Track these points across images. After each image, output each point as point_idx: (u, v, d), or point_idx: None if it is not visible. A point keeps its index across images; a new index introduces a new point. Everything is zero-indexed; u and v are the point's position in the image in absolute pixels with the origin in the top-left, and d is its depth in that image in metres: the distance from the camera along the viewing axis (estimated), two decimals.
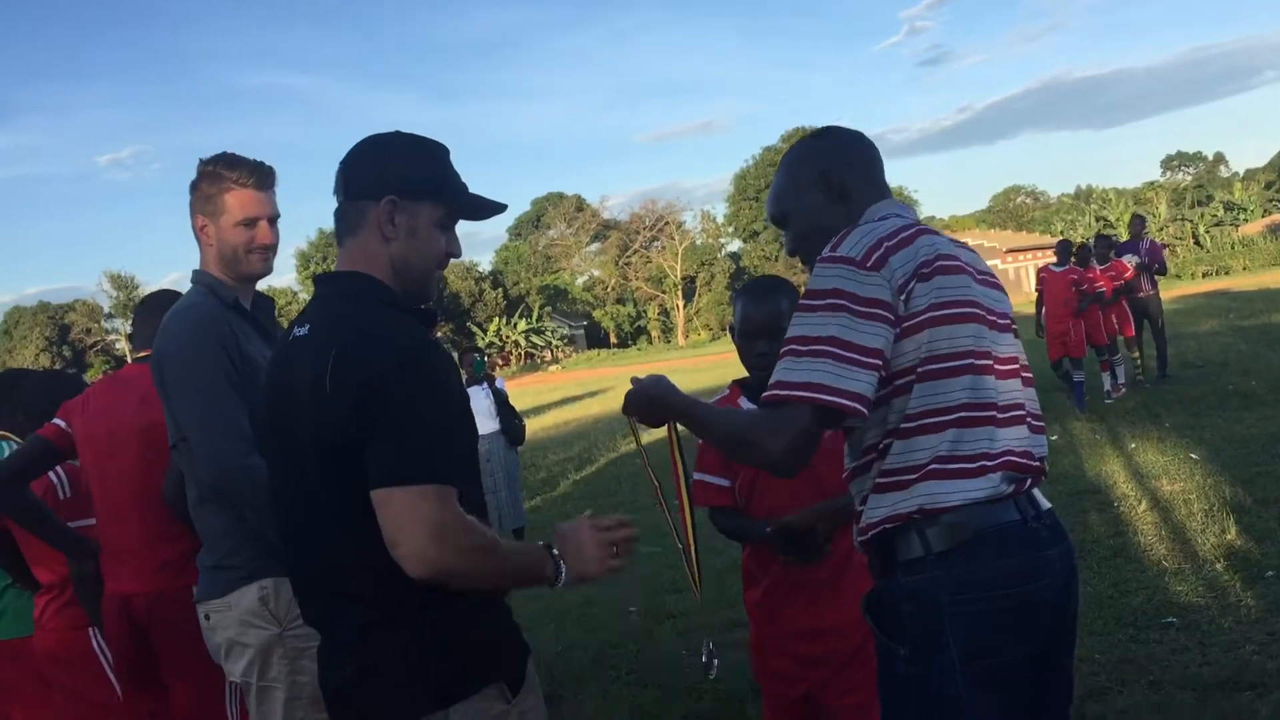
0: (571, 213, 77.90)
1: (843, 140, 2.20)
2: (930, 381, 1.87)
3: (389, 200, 1.97)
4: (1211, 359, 13.76)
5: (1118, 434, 9.50)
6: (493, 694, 1.92)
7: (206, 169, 2.75)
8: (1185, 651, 4.37)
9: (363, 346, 1.86)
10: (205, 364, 2.60)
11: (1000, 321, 2.00)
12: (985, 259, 2.14)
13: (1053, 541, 1.95)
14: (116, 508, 3.08)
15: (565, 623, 6.22)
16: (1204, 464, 7.69)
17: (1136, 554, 5.84)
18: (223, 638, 2.63)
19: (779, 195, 2.21)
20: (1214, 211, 61.55)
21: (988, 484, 1.88)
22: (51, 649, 3.49)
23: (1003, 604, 1.85)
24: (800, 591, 2.81)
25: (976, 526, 1.86)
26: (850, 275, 1.86)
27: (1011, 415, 1.94)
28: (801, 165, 2.17)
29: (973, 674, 1.83)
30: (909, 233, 1.93)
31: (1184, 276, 45.93)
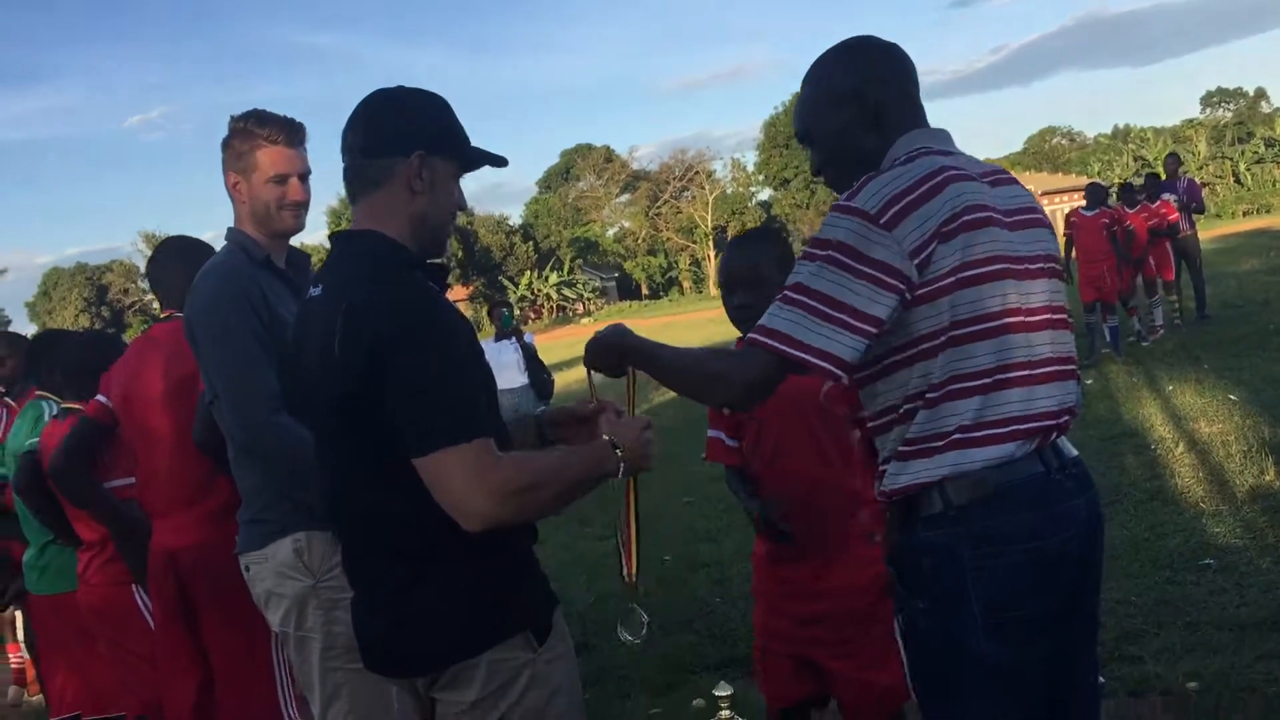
0: (601, 164, 77.50)
1: (878, 54, 2.04)
2: (957, 347, 1.81)
3: (419, 155, 1.98)
4: (1252, 298, 13.57)
5: (1155, 377, 9.39)
6: (519, 643, 1.96)
7: (238, 126, 2.76)
8: (1222, 593, 4.35)
9: (369, 310, 1.87)
10: (232, 323, 2.63)
11: (1033, 268, 1.90)
12: None
13: (1078, 491, 1.90)
14: (156, 466, 3.15)
15: (597, 573, 6.26)
16: (1243, 405, 7.60)
17: (1173, 496, 5.79)
18: (262, 589, 2.69)
19: (805, 112, 2.07)
20: (1255, 149, 60.30)
21: (1017, 448, 1.84)
22: (95, 604, 3.56)
23: (1023, 559, 1.82)
24: (794, 551, 2.79)
25: (997, 481, 1.82)
26: (859, 230, 1.78)
27: (1041, 372, 1.87)
28: (832, 80, 2.02)
29: (993, 627, 1.81)
30: (935, 181, 1.82)
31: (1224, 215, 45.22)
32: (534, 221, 75.40)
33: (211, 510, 3.00)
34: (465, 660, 1.93)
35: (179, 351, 3.04)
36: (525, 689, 1.96)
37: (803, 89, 2.08)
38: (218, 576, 2.95)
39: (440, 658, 1.95)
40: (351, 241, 2.04)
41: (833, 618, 2.73)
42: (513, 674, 1.95)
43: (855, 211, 1.79)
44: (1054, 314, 1.93)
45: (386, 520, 1.95)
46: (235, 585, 2.79)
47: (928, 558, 1.86)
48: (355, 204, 2.04)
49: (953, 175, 1.84)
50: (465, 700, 1.95)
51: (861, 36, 2.08)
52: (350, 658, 2.59)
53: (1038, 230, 1.95)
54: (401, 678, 2.03)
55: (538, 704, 1.97)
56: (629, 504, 2.28)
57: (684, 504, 7.81)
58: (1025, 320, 1.85)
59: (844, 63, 2.03)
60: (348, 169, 2.04)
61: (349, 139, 2.03)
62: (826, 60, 2.05)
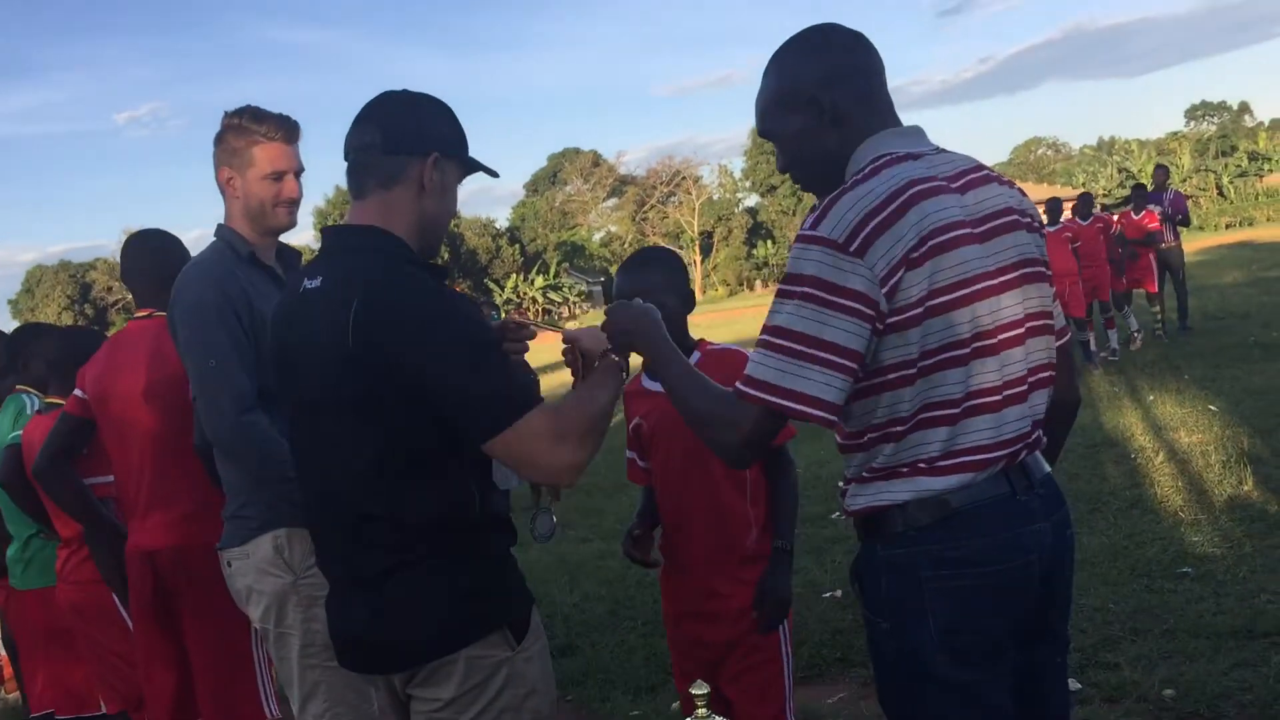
0: (588, 168, 77.53)
1: (838, 50, 1.91)
2: (926, 378, 1.75)
3: (435, 156, 2.02)
4: (1233, 311, 13.66)
5: (1136, 386, 9.46)
6: (496, 640, 1.97)
7: (233, 122, 2.74)
8: (1200, 601, 4.38)
9: (390, 305, 1.88)
10: (210, 323, 2.63)
11: (1009, 278, 1.81)
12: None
13: (1044, 512, 1.86)
14: (133, 466, 3.12)
15: (580, 575, 6.27)
16: (1223, 416, 7.65)
17: (1153, 505, 5.83)
18: (242, 584, 2.70)
19: (765, 111, 1.97)
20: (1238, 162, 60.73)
21: (983, 474, 1.79)
22: (74, 601, 3.55)
23: (982, 581, 1.78)
24: (686, 574, 2.81)
25: (958, 503, 1.77)
26: (830, 260, 1.69)
27: (1014, 392, 1.81)
28: (789, 80, 1.92)
29: (953, 648, 1.78)
30: (901, 200, 1.72)
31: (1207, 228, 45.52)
32: (521, 225, 75.36)
33: (188, 511, 2.99)
34: (443, 657, 1.94)
35: (157, 351, 3.03)
36: (502, 687, 1.96)
37: (762, 82, 1.98)
38: (196, 577, 2.94)
39: (418, 654, 1.95)
40: (354, 235, 2.04)
41: (721, 644, 2.75)
42: (490, 671, 1.95)
43: (823, 241, 1.71)
44: (1033, 321, 1.85)
45: (374, 516, 1.95)
46: (214, 585, 2.79)
47: (887, 576, 1.83)
48: (362, 199, 2.04)
49: (918, 192, 1.74)
50: (442, 697, 1.95)
51: (821, 28, 1.95)
52: (328, 655, 2.59)
53: (1015, 235, 1.85)
54: (378, 674, 2.04)
55: (513, 702, 1.98)
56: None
57: None
58: (999, 340, 1.79)
59: (801, 61, 1.92)
60: (357, 164, 2.04)
61: (361, 136, 2.03)
62: (784, 57, 1.94)
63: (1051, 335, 1.92)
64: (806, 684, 4.20)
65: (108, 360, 3.21)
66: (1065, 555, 1.92)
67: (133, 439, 3.11)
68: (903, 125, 1.91)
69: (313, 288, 1.99)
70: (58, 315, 69.43)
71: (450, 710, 1.96)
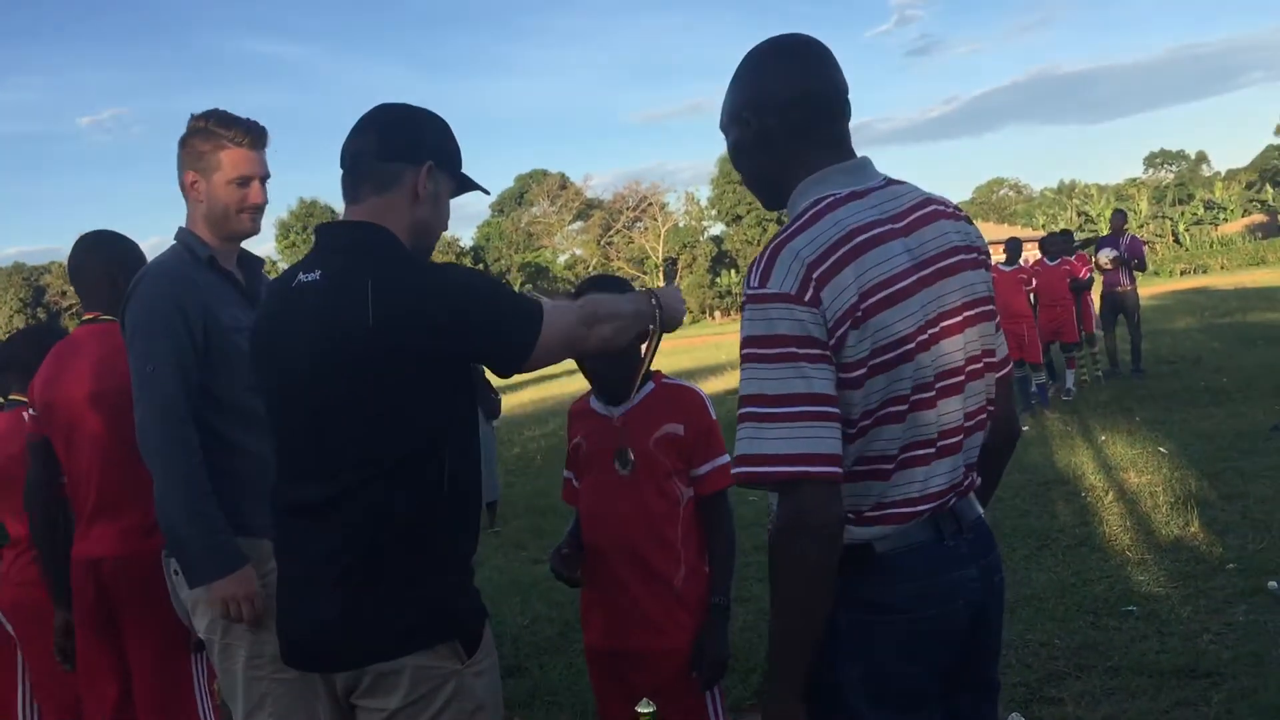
0: (555, 190, 77.64)
1: (781, 76, 1.83)
2: (863, 437, 1.71)
3: (430, 166, 2.06)
4: (1185, 355, 13.88)
5: (1088, 426, 9.58)
6: (446, 652, 1.95)
7: (200, 125, 2.71)
8: (1144, 639, 4.43)
9: (406, 276, 1.94)
10: (154, 328, 2.59)
11: (951, 322, 1.77)
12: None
13: (972, 557, 1.82)
14: (80, 473, 3.07)
15: (530, 596, 6.24)
16: (1172, 458, 7.77)
17: (1100, 543, 5.90)
18: (187, 594, 2.64)
19: (722, 122, 1.93)
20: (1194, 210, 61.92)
21: (909, 523, 1.76)
22: (15, 601, 3.49)
23: (905, 628, 1.74)
24: (608, 599, 2.76)
25: (882, 549, 1.74)
26: (790, 314, 1.64)
27: (946, 444, 1.78)
28: (731, 94, 1.89)
29: (874, 694, 1.74)
30: (844, 250, 1.68)
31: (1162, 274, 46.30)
32: (485, 244, 75.25)
33: (134, 522, 2.94)
34: (389, 660, 1.92)
35: (104, 356, 2.98)
36: (449, 700, 1.94)
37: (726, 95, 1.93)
38: (140, 589, 2.90)
39: (365, 653, 1.93)
40: (354, 231, 2.05)
41: (648, 688, 2.60)
42: (437, 683, 1.94)
43: (776, 298, 1.66)
44: (973, 364, 1.82)
45: (349, 508, 1.94)
46: (158, 597, 2.75)
47: None
48: (356, 203, 2.06)
49: (861, 243, 1.69)
50: (386, 707, 1.93)
51: (776, 48, 1.88)
52: (276, 667, 2.56)
53: (961, 276, 1.80)
54: (324, 672, 2.01)
55: (459, 717, 1.96)
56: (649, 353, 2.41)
57: None
58: (936, 391, 1.75)
59: (744, 76, 1.88)
60: (353, 170, 2.07)
61: (359, 142, 2.07)
62: (737, 72, 1.90)
63: (993, 373, 1.89)
64: (756, 710, 4.19)
65: (54, 366, 3.15)
66: (994, 600, 1.88)
67: (80, 446, 3.05)
68: (851, 159, 1.84)
69: (309, 281, 2.00)
70: (9, 319, 68.37)
71: None
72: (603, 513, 2.74)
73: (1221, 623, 4.51)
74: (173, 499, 2.53)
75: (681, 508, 2.69)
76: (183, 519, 2.51)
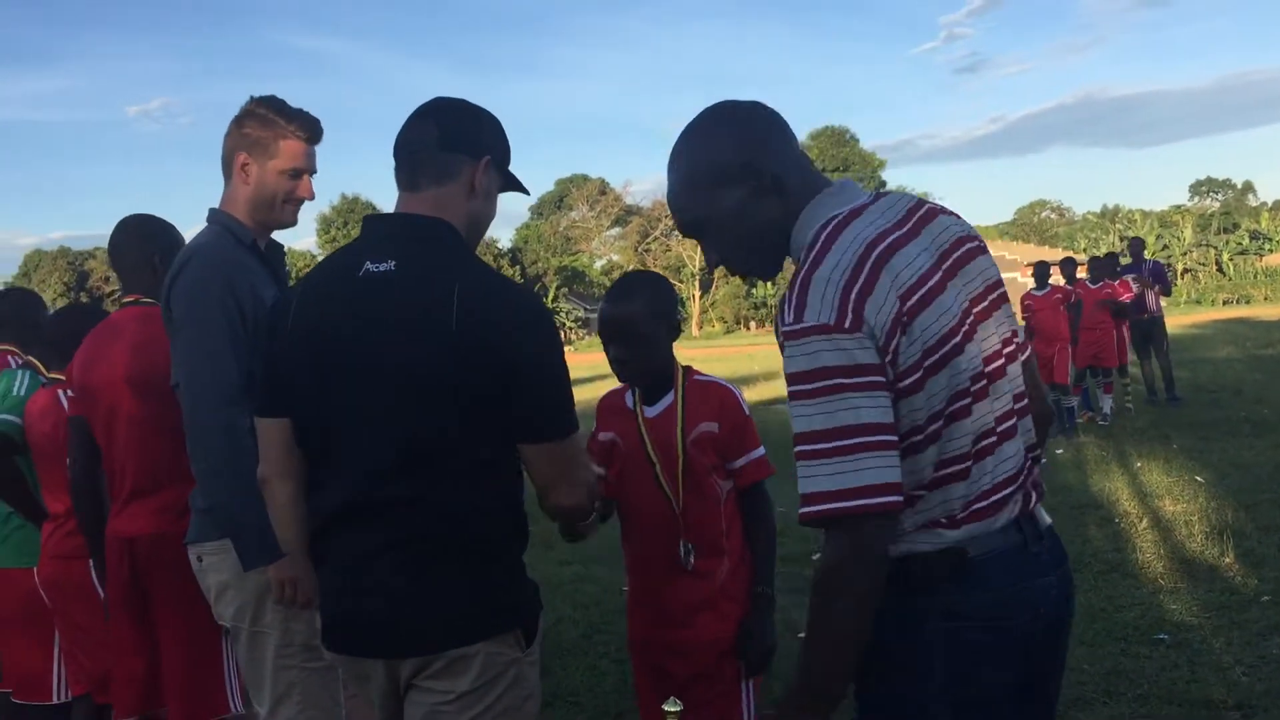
0: (594, 196, 77.84)
1: (758, 120, 1.83)
2: (938, 437, 1.70)
3: (488, 160, 2.09)
4: (1225, 385, 13.71)
5: (1125, 452, 9.47)
6: (509, 640, 2.00)
7: (259, 110, 2.70)
8: (1175, 668, 4.37)
9: (497, 293, 1.95)
10: (208, 314, 2.58)
11: (983, 306, 1.78)
12: (1007, 271, 1.90)
13: (1052, 565, 1.82)
14: (116, 454, 3.10)
15: (555, 598, 6.23)
16: (1209, 487, 7.67)
17: (1134, 570, 5.83)
18: (216, 581, 2.64)
19: (687, 202, 1.84)
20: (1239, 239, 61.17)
21: (995, 519, 1.75)
22: (52, 575, 3.53)
23: (991, 635, 1.73)
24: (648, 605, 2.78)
25: (975, 553, 1.72)
26: (831, 344, 1.61)
27: (1005, 428, 1.78)
28: (714, 156, 1.80)
29: (953, 701, 1.73)
30: (870, 264, 1.66)
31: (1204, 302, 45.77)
32: (523, 246, 75.57)
33: (169, 502, 2.96)
34: (463, 646, 1.95)
35: (143, 340, 3.01)
36: (509, 686, 1.99)
37: (674, 176, 1.85)
38: (174, 567, 2.91)
39: (445, 638, 1.96)
40: (425, 225, 2.04)
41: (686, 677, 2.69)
42: (501, 669, 1.98)
43: (816, 330, 1.62)
44: (1008, 346, 1.82)
45: (421, 499, 1.96)
46: (189, 575, 2.76)
47: (892, 624, 1.73)
48: (414, 191, 2.07)
49: (881, 252, 1.68)
50: (455, 690, 1.96)
51: (725, 105, 1.86)
52: (306, 656, 2.57)
53: (976, 262, 1.81)
54: (393, 658, 2.00)
55: (515, 703, 2.01)
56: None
57: None
58: (988, 376, 1.75)
59: (722, 136, 1.82)
60: (411, 158, 2.08)
61: (418, 131, 2.09)
62: (697, 138, 1.84)
63: (1021, 354, 1.89)
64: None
65: (92, 348, 3.18)
66: (1068, 610, 1.88)
67: (118, 427, 3.08)
68: (832, 183, 1.84)
69: (381, 271, 1.98)
70: (53, 301, 69.31)
71: (459, 704, 1.97)
72: (643, 512, 2.73)
73: (1255, 655, 4.44)
74: (229, 481, 2.51)
75: (722, 504, 2.70)
76: (240, 501, 2.47)
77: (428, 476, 1.95)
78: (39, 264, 76.66)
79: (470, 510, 1.97)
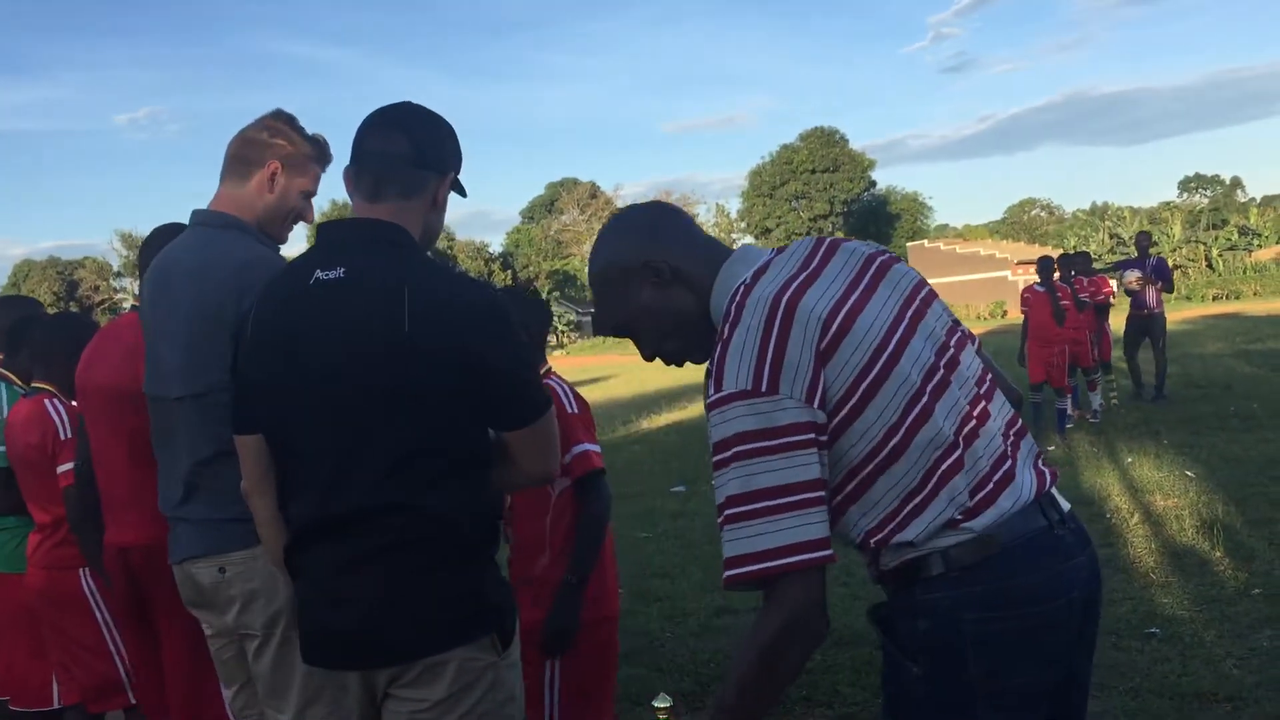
0: (585, 199, 77.88)
1: (642, 222, 1.94)
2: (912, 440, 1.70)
3: (453, 177, 2.12)
4: (1215, 380, 13.75)
5: (1115, 449, 9.51)
6: (485, 645, 1.99)
7: (291, 128, 2.70)
8: (1166, 661, 4.40)
9: (448, 291, 1.95)
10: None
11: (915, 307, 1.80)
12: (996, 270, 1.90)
13: (1079, 548, 1.81)
14: (110, 460, 3.10)
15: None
16: (1199, 482, 7.71)
17: (1125, 565, 5.86)
18: (242, 589, 2.58)
19: (610, 313, 1.95)
20: (1228, 235, 61.31)
21: (1007, 497, 1.73)
22: (43, 586, 3.53)
23: (1028, 622, 1.71)
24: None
25: (1004, 539, 1.70)
26: (748, 410, 1.64)
27: (980, 410, 1.78)
28: (618, 271, 1.90)
29: (993, 693, 1.71)
30: (779, 317, 1.69)
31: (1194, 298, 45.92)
32: (514, 251, 75.57)
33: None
34: (437, 654, 1.95)
35: (139, 345, 3.01)
36: (486, 691, 1.99)
37: (597, 297, 1.97)
38: (169, 575, 2.91)
39: (414, 648, 1.96)
40: (376, 229, 2.04)
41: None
42: (476, 675, 1.97)
43: (733, 397, 1.66)
44: (953, 336, 1.84)
45: (393, 506, 1.95)
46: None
47: (925, 619, 1.73)
48: (376, 202, 2.06)
49: (788, 301, 1.71)
50: (430, 698, 1.96)
51: (622, 212, 2.02)
52: None
53: (895, 269, 1.85)
54: (369, 669, 2.01)
55: (493, 708, 2.00)
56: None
57: (641, 538, 7.81)
58: (945, 368, 1.77)
59: (615, 243, 1.93)
60: (381, 170, 2.06)
61: (388, 142, 2.07)
62: (600, 248, 1.95)
63: (971, 343, 1.90)
64: None
65: (93, 353, 3.19)
66: (1098, 593, 1.87)
67: (112, 433, 3.08)
68: (732, 250, 1.90)
69: (331, 278, 1.98)
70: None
71: (435, 711, 1.97)
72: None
73: (1245, 648, 4.47)
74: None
75: (553, 499, 2.95)
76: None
77: (394, 483, 1.94)
78: (28, 273, 76.38)
79: (440, 515, 1.95)
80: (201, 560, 2.61)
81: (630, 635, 5.45)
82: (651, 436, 14.14)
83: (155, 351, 2.63)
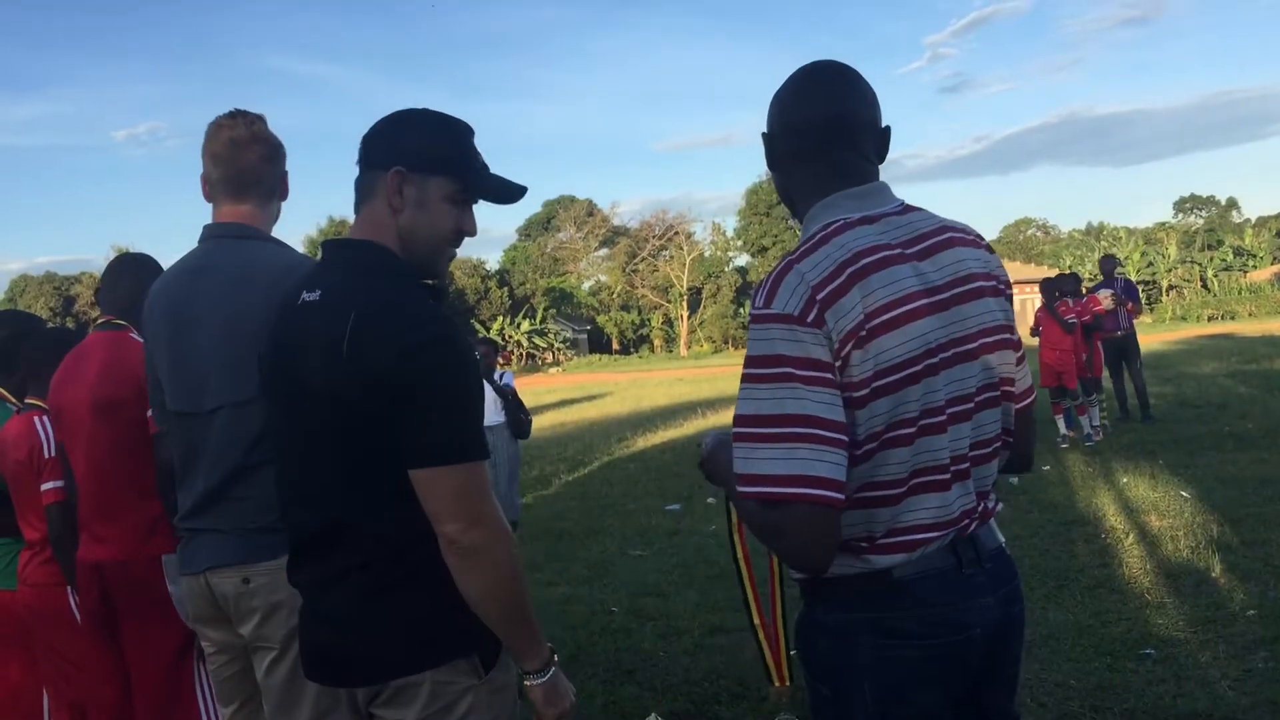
0: (582, 217, 77.99)
1: (796, 102, 1.89)
2: (868, 461, 1.70)
3: (396, 171, 2.00)
4: (1210, 400, 13.77)
5: (1111, 468, 9.51)
6: (465, 667, 1.95)
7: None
8: (1161, 683, 4.38)
9: (389, 316, 1.88)
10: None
11: (968, 348, 1.77)
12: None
13: (990, 587, 1.81)
14: (84, 476, 3.11)
15: (545, 618, 6.20)
16: (1194, 502, 7.70)
17: (1120, 585, 5.85)
18: (266, 600, 2.54)
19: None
20: (1223, 256, 61.56)
21: (927, 549, 1.75)
22: (31, 603, 3.51)
23: (920, 654, 1.74)
24: None
25: (901, 575, 1.74)
26: (790, 335, 1.65)
27: (960, 469, 1.79)
28: (769, 113, 1.95)
29: (885, 715, 1.75)
30: (850, 271, 1.69)
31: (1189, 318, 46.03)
32: (511, 268, 75.61)
33: (135, 525, 2.96)
34: (408, 676, 1.92)
35: (111, 362, 3.02)
36: (465, 714, 1.95)
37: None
38: (140, 591, 2.93)
39: (383, 669, 1.94)
40: (348, 248, 2.05)
41: None
42: (455, 697, 1.94)
43: (779, 318, 1.67)
44: (986, 393, 1.82)
45: (351, 524, 1.94)
46: (157, 600, 2.75)
47: (826, 640, 1.80)
48: (357, 214, 2.07)
49: (865, 266, 1.70)
50: (404, 718, 1.94)
51: (809, 68, 1.91)
52: None
53: (978, 303, 1.80)
54: (343, 687, 2.01)
55: None
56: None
57: (636, 557, 7.79)
58: (947, 416, 1.75)
59: (776, 97, 1.93)
60: (356, 182, 2.08)
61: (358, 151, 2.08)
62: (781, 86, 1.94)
63: (1010, 402, 1.89)
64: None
65: (66, 371, 3.20)
66: (1011, 631, 1.86)
67: (83, 450, 3.10)
68: (866, 184, 1.84)
69: (312, 300, 1.99)
70: None
71: None
72: None
73: (1240, 669, 4.45)
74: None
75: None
76: None
77: (348, 505, 1.93)
78: (25, 289, 76.29)
79: (413, 536, 1.90)
80: (226, 570, 2.56)
81: (625, 653, 5.44)
82: (647, 455, 14.10)
83: (182, 369, 2.57)
